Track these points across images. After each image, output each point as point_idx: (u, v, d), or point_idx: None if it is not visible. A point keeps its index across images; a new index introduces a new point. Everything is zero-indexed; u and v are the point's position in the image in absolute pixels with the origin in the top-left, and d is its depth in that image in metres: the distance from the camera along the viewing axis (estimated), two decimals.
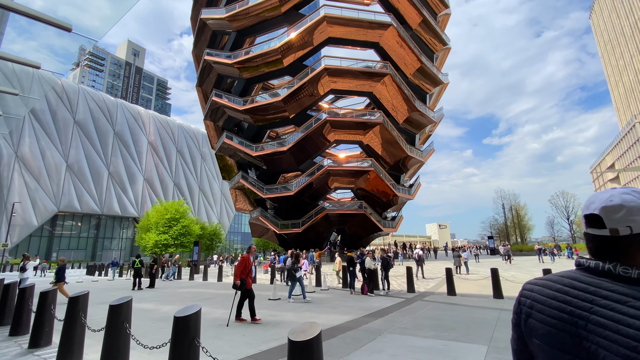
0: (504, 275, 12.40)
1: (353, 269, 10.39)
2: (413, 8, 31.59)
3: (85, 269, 34.40)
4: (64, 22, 4.84)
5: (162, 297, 11.13)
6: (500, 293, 8.88)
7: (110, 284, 17.17)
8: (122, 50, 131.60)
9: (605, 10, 78.86)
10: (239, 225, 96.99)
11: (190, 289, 13.32)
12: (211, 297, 10.48)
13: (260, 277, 18.75)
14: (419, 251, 15.43)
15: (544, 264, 20.23)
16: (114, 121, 59.79)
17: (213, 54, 33.50)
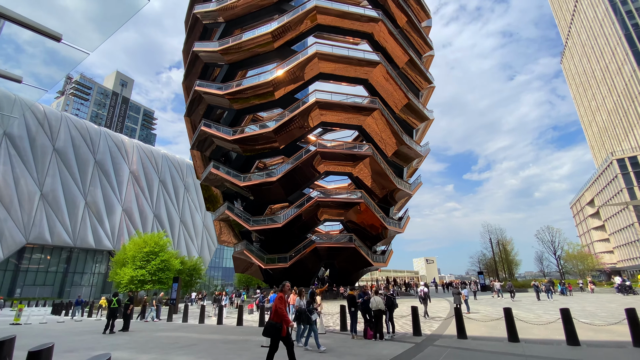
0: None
1: (355, 309, 9.50)
2: (400, 48, 33.10)
3: (51, 307, 31.38)
4: (53, 31, 4.33)
5: (139, 343, 9.80)
6: (515, 335, 8.20)
7: (77, 325, 15.37)
8: (109, 81, 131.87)
9: (576, 56, 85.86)
10: (220, 260, 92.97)
11: (169, 332, 11.94)
12: (195, 344, 9.30)
13: (245, 317, 17.31)
14: (423, 288, 14.62)
15: (542, 302, 19.58)
16: (96, 149, 58.09)
17: (204, 85, 33.60)
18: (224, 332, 11.51)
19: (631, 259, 56.15)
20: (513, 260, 52.45)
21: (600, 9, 67.70)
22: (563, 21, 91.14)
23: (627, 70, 61.60)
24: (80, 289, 53.35)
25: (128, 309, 12.03)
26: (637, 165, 54.16)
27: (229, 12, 34.17)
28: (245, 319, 16.44)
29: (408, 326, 11.40)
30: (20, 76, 5.30)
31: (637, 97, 59.87)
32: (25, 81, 5.29)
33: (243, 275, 52.34)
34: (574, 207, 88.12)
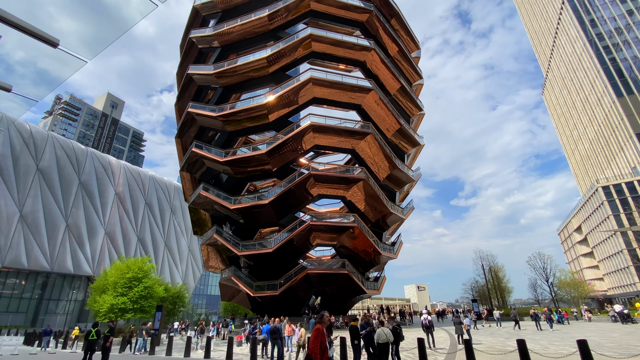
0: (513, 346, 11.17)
1: (358, 342, 8.80)
2: (392, 76, 33.99)
3: (23, 336, 29.05)
4: (50, 35, 4.01)
5: None
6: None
7: (51, 358, 14.01)
8: (100, 102, 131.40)
9: (557, 88, 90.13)
10: (204, 287, 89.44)
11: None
12: None
13: (234, 350, 16.12)
14: (427, 316, 13.86)
15: (544, 331, 18.92)
16: (81, 170, 56.56)
17: (198, 106, 33.50)
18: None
19: (622, 286, 56.34)
20: (505, 287, 51.91)
21: (578, 44, 72.02)
22: (543, 55, 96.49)
23: (606, 101, 64.74)
24: (55, 318, 49.98)
25: (107, 341, 10.96)
26: (622, 193, 55.69)
27: (224, 37, 34.78)
28: (234, 352, 15.33)
29: (412, 358, 10.72)
30: (10, 85, 4.91)
31: (617, 126, 62.55)
32: (15, 90, 4.89)
33: (229, 303, 50.15)
34: (561, 233, 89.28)
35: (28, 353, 15.80)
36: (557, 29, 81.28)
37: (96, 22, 4.51)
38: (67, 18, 4.30)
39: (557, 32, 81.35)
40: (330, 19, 35.05)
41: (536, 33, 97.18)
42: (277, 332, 10.91)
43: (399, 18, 38.63)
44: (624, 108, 59.55)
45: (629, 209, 54.24)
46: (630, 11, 66.43)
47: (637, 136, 57.25)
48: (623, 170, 62.71)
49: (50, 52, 4.31)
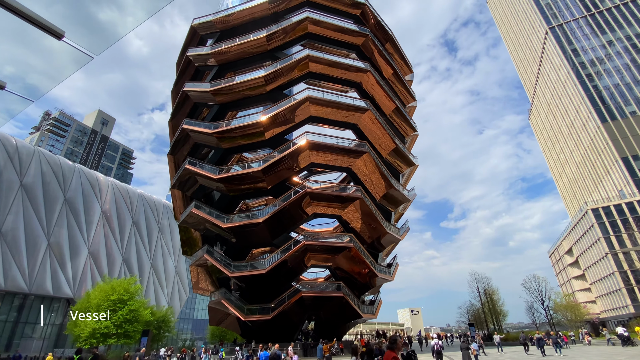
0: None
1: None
2: (387, 97, 34.46)
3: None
4: (56, 27, 3.62)
5: None
6: None
7: None
8: (90, 119, 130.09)
9: (543, 113, 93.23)
10: (191, 311, 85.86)
11: None
12: None
13: None
14: (438, 341, 13.10)
15: (549, 357, 18.07)
16: (67, 187, 54.78)
17: (193, 123, 33.15)
18: None
19: (614, 308, 56.06)
20: (500, 310, 51.10)
21: (562, 72, 75.23)
22: (528, 82, 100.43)
23: (591, 126, 67.01)
24: (31, 342, 46.71)
25: None
26: (612, 215, 56.51)
27: (222, 56, 35.01)
28: None
29: None
30: (4, 82, 4.44)
31: (603, 150, 64.46)
32: (10, 88, 4.42)
33: (217, 328, 47.94)
34: (552, 256, 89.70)
35: None
36: (542, 58, 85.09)
37: (104, 15, 4.15)
38: (71, 8, 3.92)
39: (542, 60, 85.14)
40: (327, 41, 35.76)
41: (521, 61, 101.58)
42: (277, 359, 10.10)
43: (393, 42, 39.70)
44: (609, 133, 61.65)
45: (618, 230, 54.94)
46: (610, 42, 70.16)
47: (622, 160, 58.99)
48: (610, 193, 64.10)
49: (53, 45, 3.90)
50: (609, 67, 67.97)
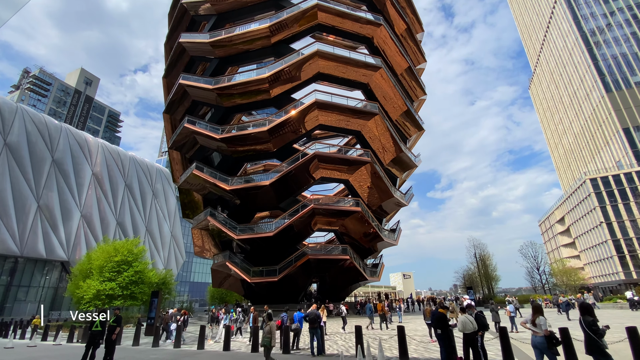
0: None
1: (445, 332, 7.23)
2: (399, 54, 32.40)
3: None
4: None
5: None
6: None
7: (34, 354, 11.87)
8: (72, 78, 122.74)
9: (544, 82, 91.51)
10: (187, 274, 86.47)
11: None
12: None
13: (240, 341, 14.40)
14: (471, 302, 12.46)
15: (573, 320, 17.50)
16: (54, 147, 52.01)
17: (191, 78, 30.77)
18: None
19: (604, 275, 58.49)
20: (493, 275, 52.55)
21: (570, 38, 72.77)
22: (532, 49, 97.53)
23: (595, 96, 66.04)
24: (25, 305, 46.32)
25: (113, 333, 9.00)
26: (609, 185, 57.22)
27: (221, 3, 31.96)
28: (240, 342, 13.59)
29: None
30: None
31: (604, 121, 64.07)
32: None
33: (217, 290, 48.23)
34: (542, 224, 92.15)
35: (3, 347, 13.47)
36: (549, 23, 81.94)
37: None
38: None
39: (549, 26, 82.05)
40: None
41: (527, 27, 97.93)
42: (317, 321, 9.33)
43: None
44: (612, 103, 60.89)
45: (614, 200, 55.93)
46: (621, 8, 67.52)
47: (624, 131, 58.80)
48: (607, 164, 64.56)
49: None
50: (617, 35, 65.85)
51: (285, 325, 10.31)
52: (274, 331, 8.04)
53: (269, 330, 8.00)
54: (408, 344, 9.53)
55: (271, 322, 8.27)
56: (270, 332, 7.96)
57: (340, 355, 9.38)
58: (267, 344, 7.88)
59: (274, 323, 8.38)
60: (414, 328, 16.17)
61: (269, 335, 7.93)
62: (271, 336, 7.93)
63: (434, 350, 10.06)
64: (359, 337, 9.03)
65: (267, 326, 8.11)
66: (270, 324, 8.14)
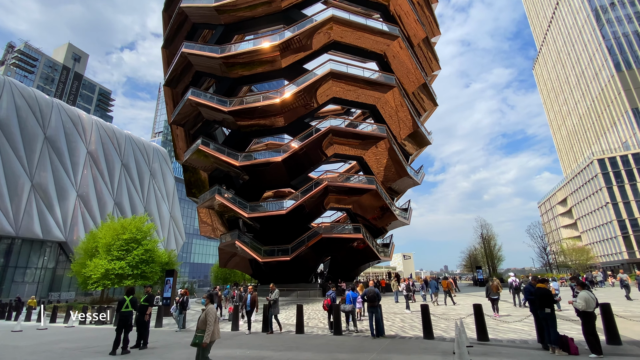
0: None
1: (552, 310, 6.17)
2: (416, 22, 30.49)
3: None
4: None
5: None
6: None
7: (49, 337, 10.73)
8: (59, 53, 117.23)
9: (550, 62, 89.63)
10: (187, 255, 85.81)
11: (225, 349, 7.90)
12: None
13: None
14: (515, 279, 11.75)
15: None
16: (46, 124, 49.51)
17: (195, 47, 28.65)
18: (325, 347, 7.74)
19: (607, 255, 59.13)
20: (496, 255, 52.60)
21: (580, 15, 70.62)
22: (539, 27, 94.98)
23: (604, 75, 64.71)
24: (23, 286, 45.12)
25: (145, 313, 7.82)
26: (617, 166, 56.86)
27: None
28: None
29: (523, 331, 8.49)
30: None
31: (613, 101, 63.06)
32: None
33: (220, 270, 47.59)
34: (542, 206, 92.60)
35: (10, 330, 12.28)
36: (559, 0, 79.33)
37: None
38: None
39: (559, 3, 79.43)
40: None
41: (534, 4, 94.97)
42: (376, 299, 8.24)
43: None
44: (622, 83, 59.70)
45: (621, 181, 55.73)
46: None
47: (633, 111, 57.94)
48: (612, 145, 64.07)
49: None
50: (629, 12, 63.89)
51: (335, 304, 9.24)
52: (212, 320, 5.46)
53: (204, 319, 5.52)
54: None
55: (209, 307, 5.72)
56: (206, 321, 5.46)
57: (405, 337, 8.37)
58: (199, 342, 5.35)
59: (213, 308, 5.77)
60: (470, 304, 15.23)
61: (203, 327, 5.47)
62: (207, 328, 5.40)
63: (509, 330, 9.14)
64: (426, 317, 7.98)
65: (203, 313, 5.64)
66: (207, 310, 5.61)
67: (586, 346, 6.32)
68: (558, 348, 6.09)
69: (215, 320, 5.52)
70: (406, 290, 14.11)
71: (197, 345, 5.33)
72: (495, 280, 12.58)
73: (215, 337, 5.54)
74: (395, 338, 8.28)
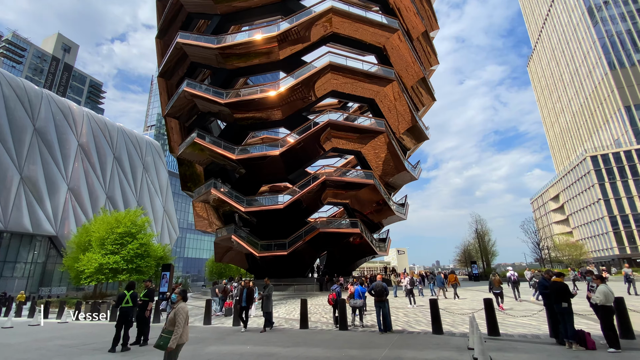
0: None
1: (569, 305, 6.01)
2: (416, 15, 30.17)
3: None
4: None
5: None
6: None
7: (43, 334, 10.37)
8: (49, 44, 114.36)
9: (544, 59, 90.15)
10: (181, 250, 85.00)
11: (228, 345, 7.64)
12: None
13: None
14: (514, 273, 11.86)
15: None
16: (36, 115, 48.23)
17: (190, 37, 27.98)
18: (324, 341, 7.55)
19: (598, 250, 60.17)
20: (490, 250, 53.11)
21: (576, 13, 70.96)
22: (534, 25, 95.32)
23: (598, 73, 65.26)
24: (12, 282, 44.21)
25: (146, 309, 7.50)
26: (609, 163, 57.62)
27: None
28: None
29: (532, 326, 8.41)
30: None
31: (606, 99, 63.70)
32: None
33: (215, 265, 47.21)
34: (534, 202, 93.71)
35: (1, 327, 11.84)
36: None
37: None
38: None
39: (554, 0, 79.66)
40: None
41: (529, 1, 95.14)
42: (384, 293, 8.05)
43: None
44: (616, 81, 60.30)
45: (613, 178, 56.55)
46: None
47: (625, 109, 58.63)
48: (604, 142, 64.86)
49: None
50: (623, 11, 64.37)
51: (341, 299, 9.03)
52: (182, 320, 4.74)
53: (172, 318, 4.78)
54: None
55: (180, 305, 4.91)
56: (175, 321, 4.73)
57: (413, 332, 8.21)
58: (164, 344, 4.60)
59: (184, 307, 4.95)
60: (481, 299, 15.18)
61: (171, 328, 4.72)
62: (175, 330, 4.67)
63: (517, 325, 9.08)
64: (435, 312, 7.82)
65: (172, 312, 4.88)
66: (177, 309, 4.83)
67: (601, 341, 6.23)
68: (575, 343, 5.98)
69: (185, 320, 4.82)
70: (410, 284, 13.99)
71: (161, 348, 4.58)
72: (497, 275, 12.72)
73: (184, 340, 4.78)
74: (403, 333, 8.12)
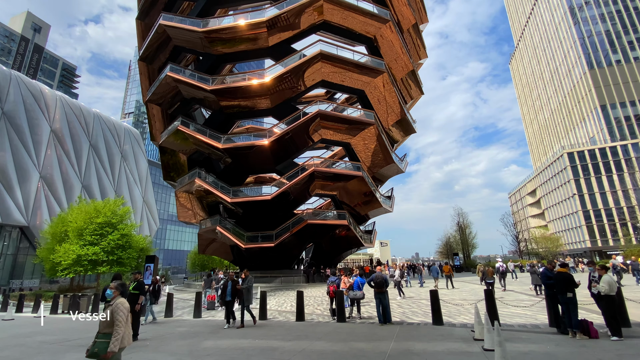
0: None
1: (574, 295, 6.00)
2: (407, 6, 29.96)
3: None
4: None
5: None
6: None
7: (22, 329, 9.66)
8: (17, 22, 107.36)
9: (526, 57, 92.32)
10: (161, 242, 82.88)
11: (224, 339, 7.26)
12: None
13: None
14: (502, 264, 12.07)
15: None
16: (4, 98, 45.21)
17: (174, 19, 26.70)
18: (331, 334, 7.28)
19: (571, 243, 63.02)
20: (471, 242, 54.56)
21: (557, 13, 72.69)
22: (517, 23, 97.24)
23: (577, 72, 67.40)
24: None
25: (137, 303, 7.02)
26: (584, 159, 60.04)
27: None
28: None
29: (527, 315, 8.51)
30: None
31: (583, 97, 66.00)
32: None
33: (197, 257, 46.42)
34: (512, 197, 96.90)
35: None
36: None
37: None
38: None
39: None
40: None
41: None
42: (384, 285, 7.89)
43: None
44: (594, 80, 62.47)
45: (588, 174, 59.03)
46: None
47: (601, 107, 60.96)
48: (580, 140, 67.44)
49: None
50: (603, 12, 66.46)
51: (339, 290, 8.81)
52: (122, 319, 3.84)
53: (109, 318, 3.86)
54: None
55: (118, 301, 3.97)
56: (114, 321, 3.82)
57: (413, 323, 8.10)
58: (99, 350, 3.68)
59: (124, 303, 4.02)
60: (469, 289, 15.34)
61: (108, 330, 3.82)
62: (115, 331, 3.76)
63: (513, 315, 9.19)
64: (436, 303, 7.73)
65: (109, 310, 3.91)
66: (115, 306, 3.90)
67: (601, 329, 6.30)
68: (579, 332, 6.02)
69: (126, 319, 3.91)
70: (400, 276, 13.99)
71: (96, 356, 3.66)
72: (489, 266, 12.97)
73: (125, 344, 3.85)
74: (403, 325, 8.01)
